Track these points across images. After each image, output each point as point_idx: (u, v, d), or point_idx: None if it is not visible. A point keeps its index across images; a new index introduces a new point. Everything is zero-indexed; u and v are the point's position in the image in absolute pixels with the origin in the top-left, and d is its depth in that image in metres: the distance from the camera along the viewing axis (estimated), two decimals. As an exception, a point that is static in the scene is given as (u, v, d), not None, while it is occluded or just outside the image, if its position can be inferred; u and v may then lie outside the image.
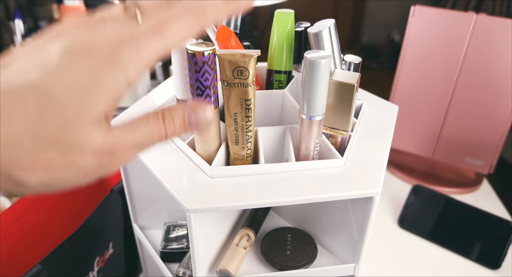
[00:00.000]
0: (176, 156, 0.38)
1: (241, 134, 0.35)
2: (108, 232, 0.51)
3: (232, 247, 0.42)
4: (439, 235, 0.67)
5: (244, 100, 0.33)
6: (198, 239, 0.35)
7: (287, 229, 0.46)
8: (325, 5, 2.17)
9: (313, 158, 0.37)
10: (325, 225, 0.43)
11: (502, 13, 1.75)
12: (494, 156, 0.73)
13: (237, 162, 0.37)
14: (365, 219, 0.36)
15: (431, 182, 0.79)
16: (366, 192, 0.34)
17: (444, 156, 0.78)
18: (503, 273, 0.62)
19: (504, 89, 0.68)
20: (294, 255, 0.42)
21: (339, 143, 0.39)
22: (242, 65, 0.31)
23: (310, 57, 0.31)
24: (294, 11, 0.40)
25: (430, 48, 0.71)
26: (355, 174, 0.36)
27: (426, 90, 0.74)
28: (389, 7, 2.16)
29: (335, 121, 0.37)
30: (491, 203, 0.76)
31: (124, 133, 0.22)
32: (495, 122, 0.71)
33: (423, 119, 0.77)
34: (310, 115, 0.34)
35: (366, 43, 2.30)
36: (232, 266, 0.40)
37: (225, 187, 0.34)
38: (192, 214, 0.33)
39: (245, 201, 0.33)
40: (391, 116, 0.46)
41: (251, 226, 0.44)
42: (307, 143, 0.36)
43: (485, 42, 0.67)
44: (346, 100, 0.35)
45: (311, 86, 0.33)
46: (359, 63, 0.43)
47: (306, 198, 0.33)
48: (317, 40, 0.37)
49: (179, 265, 0.44)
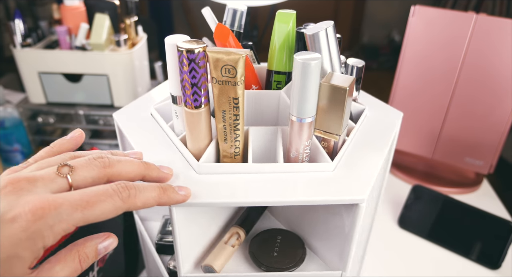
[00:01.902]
0: (170, 150, 0.39)
1: (229, 132, 0.35)
2: (108, 232, 0.51)
3: (220, 244, 0.42)
4: (439, 235, 0.67)
5: (232, 99, 0.33)
6: (181, 234, 0.36)
7: (278, 231, 0.45)
8: (325, 5, 2.17)
9: (302, 160, 0.37)
10: (315, 229, 0.43)
11: (502, 13, 1.75)
12: (494, 156, 0.73)
13: (226, 159, 0.38)
14: (352, 226, 0.35)
15: (431, 182, 0.79)
16: (351, 198, 0.33)
17: (444, 156, 0.78)
18: (503, 273, 0.62)
19: (504, 89, 0.68)
20: (281, 257, 0.41)
21: (331, 147, 0.38)
22: (229, 63, 0.31)
23: (300, 59, 0.31)
24: (295, 11, 0.40)
25: (430, 48, 0.71)
26: (344, 180, 0.35)
27: (426, 90, 0.74)
28: (389, 7, 2.16)
29: (327, 125, 0.37)
30: (491, 203, 0.76)
31: None
32: (495, 122, 0.71)
33: (423, 119, 0.77)
34: (300, 117, 0.34)
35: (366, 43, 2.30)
36: (217, 262, 0.40)
37: (211, 184, 0.34)
38: (174, 208, 0.33)
39: (228, 199, 0.33)
40: (394, 123, 0.45)
41: (242, 225, 0.44)
42: (296, 145, 0.36)
43: (485, 42, 0.67)
44: (338, 104, 0.35)
45: (301, 87, 0.32)
46: (362, 66, 0.43)
47: (288, 200, 0.33)
48: (313, 42, 0.36)
49: (171, 258, 0.45)
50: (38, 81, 0.79)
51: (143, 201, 0.28)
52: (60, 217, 0.24)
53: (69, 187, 0.27)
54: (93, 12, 0.77)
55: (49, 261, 0.26)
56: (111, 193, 0.26)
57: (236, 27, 0.43)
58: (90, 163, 0.28)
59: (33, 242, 0.23)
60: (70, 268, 0.26)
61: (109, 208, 0.26)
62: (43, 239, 0.24)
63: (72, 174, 0.27)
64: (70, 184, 0.27)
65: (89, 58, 0.76)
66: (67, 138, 0.32)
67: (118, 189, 0.27)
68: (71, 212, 0.24)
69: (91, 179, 0.28)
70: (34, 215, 0.23)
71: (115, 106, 0.82)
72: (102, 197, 0.26)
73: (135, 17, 0.83)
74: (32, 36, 0.78)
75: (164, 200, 0.29)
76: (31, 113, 0.83)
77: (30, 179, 0.26)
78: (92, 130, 0.86)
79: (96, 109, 0.82)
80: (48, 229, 0.24)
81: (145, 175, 0.31)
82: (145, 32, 0.87)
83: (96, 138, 0.85)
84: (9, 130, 0.80)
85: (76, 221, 0.25)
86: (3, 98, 0.79)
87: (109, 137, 0.86)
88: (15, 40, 0.76)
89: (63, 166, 0.27)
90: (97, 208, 0.25)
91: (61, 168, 0.27)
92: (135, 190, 0.28)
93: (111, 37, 0.79)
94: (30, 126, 0.83)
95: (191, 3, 2.03)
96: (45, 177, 0.26)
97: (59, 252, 0.27)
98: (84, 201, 0.25)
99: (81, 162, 0.28)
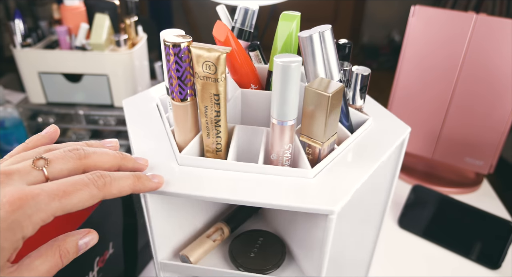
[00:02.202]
0: (160, 140, 0.40)
1: (211, 127, 0.36)
2: (108, 232, 0.51)
3: (201, 238, 0.43)
4: (439, 235, 0.67)
5: (213, 95, 0.34)
6: (156, 222, 0.37)
7: (262, 233, 0.45)
8: (325, 5, 2.17)
9: (282, 164, 0.37)
10: (296, 235, 0.42)
11: (502, 13, 1.75)
12: (494, 156, 0.73)
13: (208, 154, 0.38)
14: (324, 238, 0.34)
15: (431, 182, 0.79)
16: (320, 208, 0.32)
17: (444, 156, 0.78)
18: (503, 273, 0.62)
19: (504, 89, 0.68)
20: (258, 259, 0.41)
21: (316, 154, 0.37)
22: (209, 60, 0.32)
23: (280, 61, 0.31)
24: (300, 13, 0.39)
25: (430, 48, 0.71)
26: (319, 189, 0.34)
27: (426, 90, 0.74)
28: (389, 7, 2.16)
29: (311, 131, 0.36)
30: (491, 203, 0.76)
31: (26, 272, 0.26)
32: (495, 122, 0.71)
33: (423, 119, 0.77)
34: (281, 120, 0.34)
35: (366, 43, 2.30)
36: (193, 254, 0.41)
37: (189, 176, 0.35)
38: (148, 195, 0.34)
39: (197, 192, 0.33)
40: (397, 137, 0.41)
41: (228, 222, 0.44)
42: (277, 148, 0.35)
43: (485, 42, 0.67)
44: (321, 110, 0.34)
45: (280, 90, 0.32)
46: (368, 74, 0.41)
47: (253, 200, 0.33)
48: (307, 45, 0.35)
49: None
50: (38, 81, 0.79)
51: (118, 188, 0.28)
52: (38, 207, 0.24)
53: (45, 179, 0.27)
54: (93, 12, 0.77)
55: (29, 256, 0.26)
56: (87, 182, 0.27)
57: (247, 27, 0.43)
58: (65, 155, 0.28)
59: (12, 232, 0.23)
60: (50, 262, 0.26)
61: (85, 197, 0.26)
62: (22, 229, 0.24)
63: (47, 166, 0.27)
64: (46, 176, 0.27)
65: (89, 58, 0.76)
66: (42, 134, 0.33)
67: (94, 178, 0.27)
68: (49, 201, 0.25)
69: (67, 171, 0.28)
70: (12, 206, 0.23)
71: (115, 106, 0.82)
72: (78, 186, 0.26)
73: (135, 17, 0.83)
74: (32, 36, 0.78)
75: (139, 187, 0.30)
76: (31, 113, 0.83)
77: (6, 172, 0.26)
78: (92, 130, 0.86)
79: (96, 109, 0.82)
80: (27, 219, 0.24)
81: (120, 166, 0.32)
82: (145, 32, 0.87)
83: (96, 138, 0.85)
84: (9, 130, 0.80)
85: (54, 211, 0.25)
86: (3, 98, 0.79)
87: (109, 137, 0.86)
88: (15, 40, 0.76)
89: (39, 159, 0.27)
90: (74, 196, 0.26)
91: (36, 161, 0.27)
92: (110, 178, 0.28)
93: (111, 37, 0.79)
94: (30, 126, 0.83)
95: (191, 3, 2.03)
96: (21, 170, 0.26)
97: (40, 247, 0.27)
98: (61, 191, 0.25)
99: (56, 155, 0.28)
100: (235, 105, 0.43)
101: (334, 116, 0.35)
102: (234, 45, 0.39)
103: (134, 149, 0.38)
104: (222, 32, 0.37)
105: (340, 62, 0.43)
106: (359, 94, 0.43)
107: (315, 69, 0.37)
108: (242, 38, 0.43)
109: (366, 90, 0.43)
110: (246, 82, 0.43)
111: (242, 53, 0.40)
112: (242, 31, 0.43)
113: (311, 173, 0.35)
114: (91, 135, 0.86)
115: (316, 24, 0.39)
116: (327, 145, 0.37)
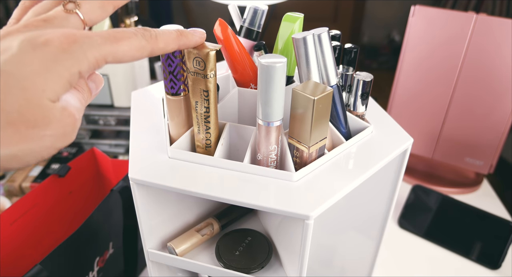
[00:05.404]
0: (158, 131, 0.41)
1: (201, 122, 0.37)
2: (108, 232, 0.51)
3: (190, 231, 0.43)
4: (439, 235, 0.67)
5: (203, 91, 0.34)
6: (143, 211, 0.38)
7: (251, 232, 0.45)
8: (325, 5, 2.17)
9: (267, 165, 0.36)
10: (281, 237, 0.42)
11: (502, 13, 1.75)
12: (494, 156, 0.73)
13: (198, 149, 0.39)
14: (303, 241, 0.34)
15: (431, 182, 0.79)
16: (298, 212, 0.32)
17: (444, 156, 0.78)
18: (503, 273, 0.62)
19: (504, 89, 0.68)
20: (241, 258, 0.41)
21: (305, 158, 0.36)
22: (199, 56, 0.32)
23: (264, 61, 0.31)
24: (303, 14, 0.39)
25: (430, 48, 0.71)
26: (300, 193, 0.34)
27: (426, 90, 0.74)
28: (389, 7, 2.16)
29: (299, 134, 0.35)
30: (491, 203, 0.76)
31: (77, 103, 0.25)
32: (495, 122, 0.71)
33: (423, 119, 0.77)
34: (267, 121, 0.33)
35: (366, 43, 2.30)
36: (180, 246, 0.41)
37: (176, 169, 0.36)
38: (134, 183, 0.35)
39: (180, 185, 0.34)
40: (394, 148, 0.40)
41: (219, 218, 0.45)
42: (263, 148, 0.35)
43: (485, 42, 0.67)
44: (306, 114, 0.33)
45: (265, 90, 0.32)
46: (370, 81, 0.40)
47: (230, 198, 0.33)
48: (299, 47, 0.35)
49: None
50: (38, 81, 0.79)
51: (164, 41, 0.27)
52: (93, 43, 0.23)
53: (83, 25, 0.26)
54: (93, 12, 0.77)
55: None
56: (136, 32, 0.26)
57: (256, 27, 0.43)
58: None
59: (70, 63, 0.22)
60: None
61: (135, 45, 0.25)
62: (78, 63, 0.22)
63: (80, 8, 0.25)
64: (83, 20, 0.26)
65: (89, 58, 0.76)
66: None
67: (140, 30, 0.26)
68: (102, 42, 0.23)
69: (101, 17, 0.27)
70: (68, 38, 0.22)
71: (115, 106, 0.82)
72: (128, 34, 0.25)
73: (135, 17, 0.83)
74: None
75: (183, 41, 0.29)
76: (31, 113, 0.83)
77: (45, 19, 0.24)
78: (92, 130, 0.86)
79: (96, 109, 0.82)
80: (82, 53, 0.22)
81: None
82: (145, 32, 0.87)
83: (96, 138, 0.85)
84: (9, 130, 0.80)
85: (106, 53, 0.23)
86: (3, 98, 0.79)
87: (109, 137, 0.86)
88: (15, 40, 0.76)
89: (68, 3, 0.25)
90: (125, 43, 0.24)
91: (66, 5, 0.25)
92: (155, 32, 0.27)
93: (111, 37, 0.79)
94: (30, 126, 0.83)
95: (191, 3, 2.03)
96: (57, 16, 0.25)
97: None
98: (112, 36, 0.24)
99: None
100: (232, 103, 0.43)
101: (322, 120, 0.34)
102: (234, 43, 0.39)
103: (131, 137, 0.40)
104: (223, 30, 0.37)
105: (344, 67, 0.43)
106: (360, 100, 0.42)
107: (308, 72, 0.36)
108: (250, 37, 0.43)
109: (368, 97, 0.42)
110: (245, 81, 0.43)
111: (243, 52, 0.40)
112: (250, 30, 0.43)
113: (295, 177, 0.35)
114: (91, 135, 0.86)
115: (316, 24, 0.39)
116: (314, 149, 0.36)
